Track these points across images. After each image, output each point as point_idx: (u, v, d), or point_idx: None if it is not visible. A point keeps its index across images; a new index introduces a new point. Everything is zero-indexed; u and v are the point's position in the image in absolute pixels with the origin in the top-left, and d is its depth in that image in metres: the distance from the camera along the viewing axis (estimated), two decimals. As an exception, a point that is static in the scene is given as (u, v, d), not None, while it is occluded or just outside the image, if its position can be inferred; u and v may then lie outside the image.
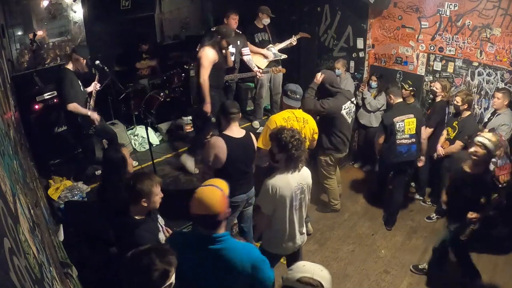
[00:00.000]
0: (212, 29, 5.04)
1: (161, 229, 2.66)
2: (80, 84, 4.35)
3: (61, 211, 4.04)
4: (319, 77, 4.33)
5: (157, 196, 2.53)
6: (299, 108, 3.93)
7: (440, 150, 4.62)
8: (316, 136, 4.01)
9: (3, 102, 2.62)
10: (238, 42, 5.27)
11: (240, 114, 3.49)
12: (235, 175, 3.43)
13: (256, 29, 5.59)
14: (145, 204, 2.48)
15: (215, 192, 2.08)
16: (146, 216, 2.57)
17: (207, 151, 3.40)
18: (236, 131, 3.43)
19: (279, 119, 3.79)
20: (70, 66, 4.24)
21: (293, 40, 5.65)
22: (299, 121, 3.83)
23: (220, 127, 3.63)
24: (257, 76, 5.34)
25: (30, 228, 1.67)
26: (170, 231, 2.69)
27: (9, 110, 2.97)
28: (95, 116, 4.36)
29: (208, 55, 4.41)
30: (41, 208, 2.77)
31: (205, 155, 3.46)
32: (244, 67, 5.43)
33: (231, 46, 5.02)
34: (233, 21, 5.09)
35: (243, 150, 3.43)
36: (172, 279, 1.84)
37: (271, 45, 5.63)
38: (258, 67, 5.56)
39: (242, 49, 5.35)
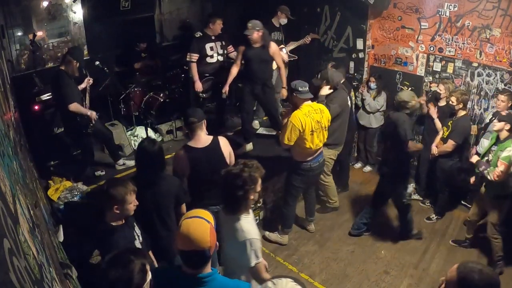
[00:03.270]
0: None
1: (137, 237, 2.64)
2: (75, 85, 4.40)
3: (61, 212, 4.03)
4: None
5: (131, 204, 2.51)
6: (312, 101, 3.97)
7: (434, 150, 4.62)
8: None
9: (2, 102, 2.61)
10: (223, 42, 5.29)
11: (204, 121, 3.31)
12: (204, 186, 3.35)
13: (273, 27, 5.59)
14: (117, 211, 2.47)
15: (204, 224, 1.90)
16: (123, 222, 2.55)
17: (174, 163, 3.38)
18: (202, 139, 3.30)
19: (301, 115, 3.80)
20: (63, 67, 4.28)
21: (307, 40, 5.74)
22: (317, 112, 3.90)
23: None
24: None
25: (30, 228, 1.67)
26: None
27: (8, 110, 2.97)
28: (93, 115, 4.40)
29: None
30: (40, 208, 2.76)
31: (173, 166, 3.41)
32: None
33: (219, 47, 5.17)
34: (219, 26, 5.17)
35: (206, 160, 3.27)
36: (149, 274, 1.86)
37: (282, 45, 5.65)
38: None
39: (228, 48, 5.40)
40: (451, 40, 4.90)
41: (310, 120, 3.82)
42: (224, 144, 3.40)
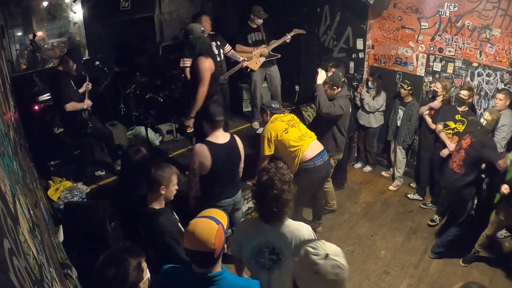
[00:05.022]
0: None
1: (177, 221, 2.74)
2: (73, 84, 4.40)
3: (61, 212, 4.04)
4: (320, 75, 4.37)
5: (174, 186, 2.65)
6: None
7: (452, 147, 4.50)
8: None
9: (2, 102, 2.62)
10: (218, 42, 5.15)
11: (223, 120, 3.48)
12: (221, 181, 3.46)
13: (250, 29, 5.54)
14: (163, 192, 2.58)
15: (211, 225, 1.87)
16: (165, 206, 2.66)
17: (192, 158, 3.40)
18: (220, 136, 3.43)
19: (268, 124, 4.04)
20: (61, 68, 4.31)
21: (287, 38, 5.48)
22: (286, 115, 4.06)
23: (204, 133, 3.52)
24: (243, 65, 5.33)
25: (30, 229, 1.67)
26: None
27: (8, 110, 2.97)
28: (88, 103, 4.43)
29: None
30: (40, 208, 2.77)
31: (190, 162, 3.44)
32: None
33: (214, 48, 4.89)
34: (207, 23, 4.97)
35: (227, 155, 3.42)
36: (147, 272, 1.87)
37: (264, 45, 5.59)
38: (251, 69, 5.55)
39: (225, 47, 5.25)
40: (451, 40, 4.90)
41: (279, 122, 4.01)
42: (239, 142, 3.58)
